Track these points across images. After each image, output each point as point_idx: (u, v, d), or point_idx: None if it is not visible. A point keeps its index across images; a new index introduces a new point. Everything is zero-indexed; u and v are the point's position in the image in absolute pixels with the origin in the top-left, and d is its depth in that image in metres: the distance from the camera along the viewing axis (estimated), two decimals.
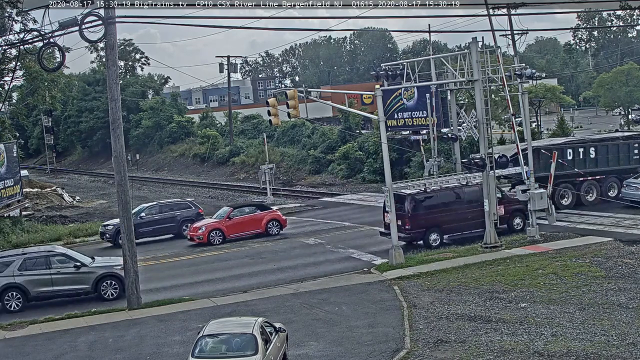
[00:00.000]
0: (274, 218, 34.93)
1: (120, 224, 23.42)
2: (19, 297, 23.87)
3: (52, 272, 24.17)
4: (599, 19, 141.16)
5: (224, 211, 35.13)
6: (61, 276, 24.13)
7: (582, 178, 33.78)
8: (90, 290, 24.45)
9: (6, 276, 23.80)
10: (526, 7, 44.67)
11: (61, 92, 59.20)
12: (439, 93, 45.37)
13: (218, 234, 33.48)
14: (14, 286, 23.83)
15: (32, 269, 24.07)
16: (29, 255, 24.55)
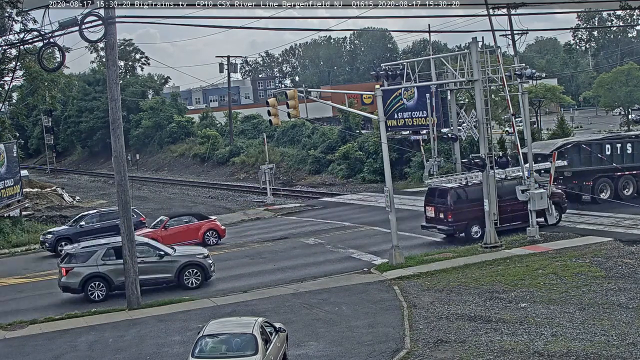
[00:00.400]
0: (212, 228, 33.60)
1: (120, 224, 23.40)
2: (102, 286, 24.20)
3: None
4: (599, 19, 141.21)
5: (160, 220, 33.71)
6: (145, 265, 24.07)
7: (620, 173, 34.48)
8: (173, 279, 24.75)
9: (90, 266, 24.16)
10: (526, 7, 44.68)
11: (61, 92, 59.31)
12: (439, 93, 45.38)
13: None
14: (97, 275, 24.16)
15: (116, 257, 24.15)
16: (112, 245, 24.71)
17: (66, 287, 24.41)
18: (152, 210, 49.27)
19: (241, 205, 50.02)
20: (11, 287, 28.10)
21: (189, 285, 24.65)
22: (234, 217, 42.54)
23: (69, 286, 24.33)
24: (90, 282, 24.08)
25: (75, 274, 24.13)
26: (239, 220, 41.30)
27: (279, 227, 37.31)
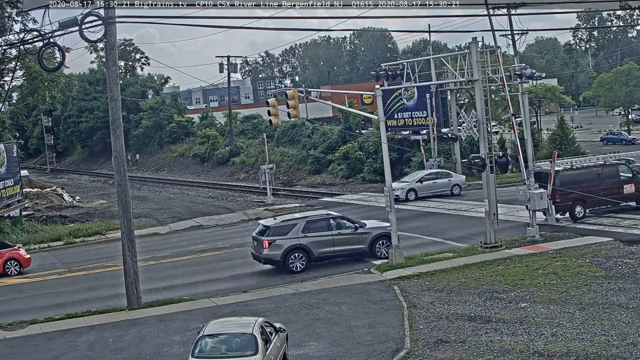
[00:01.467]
0: (12, 257, 30.79)
1: (120, 224, 23.40)
2: (302, 257, 25.75)
3: (333, 233, 25.93)
4: (599, 19, 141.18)
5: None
6: (341, 237, 25.91)
7: None
8: (366, 250, 26.31)
9: (291, 238, 25.64)
10: (526, 7, 44.66)
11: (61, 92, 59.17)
12: (439, 93, 45.47)
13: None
14: (298, 247, 25.68)
15: (315, 230, 25.88)
16: (310, 218, 26.43)
17: (268, 259, 25.89)
18: (152, 210, 49.32)
19: (241, 205, 50.00)
20: (11, 287, 28.10)
21: (380, 256, 26.27)
22: (234, 217, 42.54)
23: (271, 258, 25.79)
24: (292, 254, 25.60)
25: (277, 246, 25.60)
26: (239, 220, 41.29)
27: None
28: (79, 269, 30.69)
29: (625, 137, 76.53)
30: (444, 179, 41.80)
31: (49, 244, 37.75)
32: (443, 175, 42.25)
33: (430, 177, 42.13)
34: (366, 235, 26.50)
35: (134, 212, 24.65)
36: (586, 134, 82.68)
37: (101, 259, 32.44)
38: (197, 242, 35.22)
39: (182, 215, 46.09)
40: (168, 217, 45.84)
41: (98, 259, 32.63)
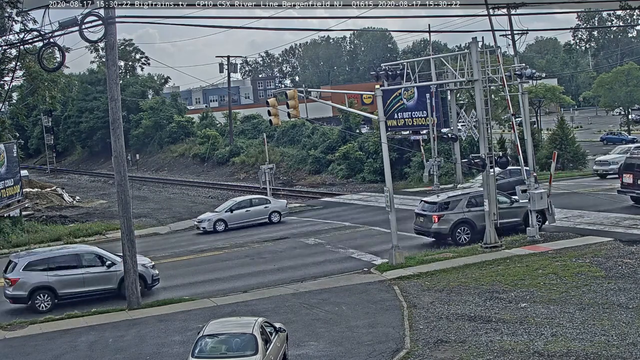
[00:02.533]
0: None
1: (120, 224, 23.40)
2: (467, 230, 27.91)
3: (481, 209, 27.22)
4: (599, 19, 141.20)
5: None
6: (501, 210, 27.51)
7: None
8: (522, 222, 28.11)
9: (457, 212, 27.93)
10: (526, 7, 44.69)
11: (61, 92, 59.18)
12: (439, 93, 45.35)
13: None
14: (464, 221, 27.88)
15: (477, 205, 27.63)
16: (473, 194, 28.57)
17: (437, 232, 28.10)
18: (152, 210, 49.34)
19: None
20: None
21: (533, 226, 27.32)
22: None
23: (440, 231, 27.99)
24: (458, 227, 27.75)
25: (445, 220, 27.82)
26: None
27: (279, 227, 37.30)
28: None
29: (625, 137, 76.54)
30: (259, 206, 38.44)
31: (49, 244, 37.63)
32: (258, 202, 39.06)
33: (243, 204, 38.62)
34: (522, 209, 27.98)
35: (134, 212, 24.65)
36: (586, 134, 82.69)
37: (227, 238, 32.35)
38: (197, 242, 35.23)
39: (182, 215, 46.09)
40: (168, 217, 45.85)
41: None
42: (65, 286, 23.80)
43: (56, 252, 25.25)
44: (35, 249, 29.06)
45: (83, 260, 24.53)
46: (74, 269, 24.12)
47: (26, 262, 23.94)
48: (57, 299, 23.79)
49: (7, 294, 23.76)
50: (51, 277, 23.73)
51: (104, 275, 24.30)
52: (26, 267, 23.76)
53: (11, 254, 28.35)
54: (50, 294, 23.70)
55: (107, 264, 24.49)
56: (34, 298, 23.56)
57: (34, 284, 23.55)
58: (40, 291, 23.57)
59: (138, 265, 23.64)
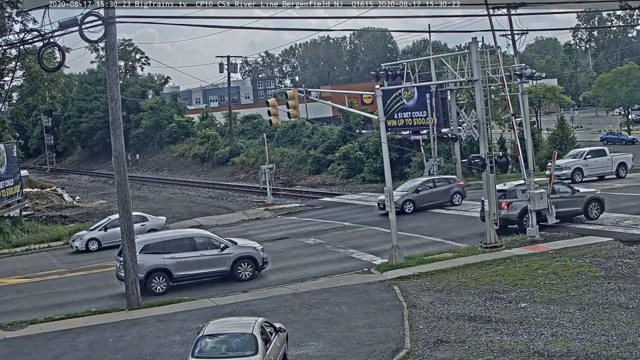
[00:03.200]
0: None
1: (120, 224, 23.41)
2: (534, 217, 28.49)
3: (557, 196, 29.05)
4: (599, 19, 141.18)
5: None
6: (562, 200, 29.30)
7: None
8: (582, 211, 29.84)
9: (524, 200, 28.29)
10: (526, 7, 44.70)
11: (61, 92, 59.21)
12: (439, 93, 45.45)
13: None
14: None
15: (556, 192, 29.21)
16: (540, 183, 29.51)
17: (506, 218, 28.84)
18: (152, 210, 49.24)
19: (241, 205, 50.00)
20: (11, 287, 28.10)
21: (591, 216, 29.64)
22: (234, 217, 42.55)
23: (509, 218, 28.93)
24: (525, 214, 28.19)
25: (514, 207, 28.89)
26: (239, 220, 41.30)
27: (279, 227, 37.31)
28: (79, 269, 30.68)
29: (625, 137, 76.55)
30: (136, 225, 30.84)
31: (49, 244, 37.73)
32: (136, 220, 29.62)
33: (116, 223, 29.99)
34: (582, 198, 29.82)
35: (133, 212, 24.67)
36: (586, 134, 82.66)
37: (101, 259, 32.42)
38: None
39: (182, 215, 46.07)
40: (168, 217, 45.70)
41: (98, 259, 32.62)
42: (181, 268, 24.64)
43: (172, 236, 26.26)
44: (147, 233, 29.89)
45: (197, 243, 25.42)
46: (189, 251, 24.97)
47: (143, 246, 24.58)
48: (172, 281, 24.67)
49: (122, 275, 24.31)
50: (167, 260, 24.59)
51: (218, 258, 25.19)
52: (142, 250, 24.36)
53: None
54: (166, 276, 24.55)
55: (221, 246, 25.40)
56: (150, 280, 24.36)
57: (151, 267, 24.38)
58: (156, 273, 24.43)
59: (250, 247, 25.84)
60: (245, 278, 25.28)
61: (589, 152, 45.42)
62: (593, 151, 45.62)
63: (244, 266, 25.45)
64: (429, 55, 52.00)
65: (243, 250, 25.68)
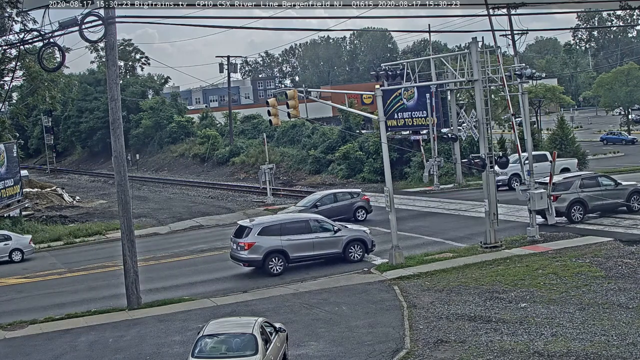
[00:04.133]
0: None
1: (120, 224, 23.41)
2: (581, 210, 29.78)
3: (601, 189, 30.03)
4: (599, 19, 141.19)
5: None
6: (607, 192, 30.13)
7: None
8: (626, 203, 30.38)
9: (572, 193, 29.79)
10: (526, 7, 44.66)
11: (61, 93, 59.22)
12: (439, 93, 45.47)
13: None
14: (578, 201, 29.75)
15: (589, 187, 29.98)
16: (584, 176, 31.14)
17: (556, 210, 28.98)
18: (152, 210, 49.31)
19: (241, 205, 49.98)
20: (11, 287, 28.11)
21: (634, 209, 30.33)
22: (234, 217, 42.51)
23: (558, 210, 29.26)
24: (573, 206, 29.51)
25: (562, 199, 29.48)
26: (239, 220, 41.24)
27: None
28: (79, 269, 30.69)
29: (625, 137, 76.55)
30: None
31: (49, 244, 37.75)
32: None
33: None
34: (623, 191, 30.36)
35: (134, 212, 24.68)
36: (586, 134, 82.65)
37: (101, 259, 32.44)
38: (197, 242, 35.24)
39: (182, 215, 46.09)
40: (168, 217, 45.84)
41: (98, 259, 32.64)
42: (296, 250, 25.86)
43: (288, 219, 27.67)
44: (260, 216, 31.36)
45: (312, 226, 26.68)
46: (304, 234, 26.16)
47: (261, 228, 25.93)
48: (288, 262, 25.92)
49: (241, 256, 25.90)
50: (284, 242, 25.83)
51: (331, 240, 26.52)
52: (261, 232, 25.80)
53: (240, 220, 30.17)
54: (283, 258, 25.81)
55: (334, 229, 26.69)
56: (267, 261, 25.64)
57: (269, 248, 25.64)
58: (273, 255, 25.68)
59: (360, 231, 27.44)
60: (355, 259, 26.55)
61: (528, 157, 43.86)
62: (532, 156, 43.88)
63: (355, 248, 26.76)
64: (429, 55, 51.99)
65: (354, 233, 27.11)
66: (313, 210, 34.00)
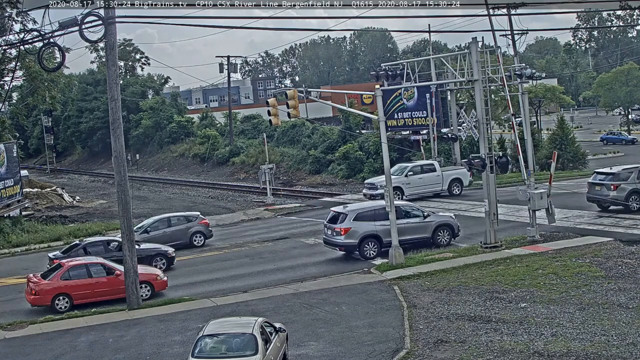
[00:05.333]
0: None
1: (120, 224, 23.41)
2: (638, 200, 30.52)
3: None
4: (599, 19, 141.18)
5: None
6: None
7: None
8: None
9: (631, 183, 30.58)
10: (526, 7, 44.69)
11: (61, 92, 59.21)
12: (439, 93, 45.43)
13: None
14: (636, 192, 30.49)
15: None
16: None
17: (614, 200, 30.65)
18: (152, 210, 49.28)
19: (241, 205, 50.01)
20: (11, 287, 28.09)
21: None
22: (234, 217, 42.54)
23: (617, 199, 30.62)
24: (631, 196, 30.48)
25: (622, 189, 30.59)
26: (239, 220, 41.29)
27: (279, 227, 37.30)
28: None
29: (625, 137, 76.60)
30: None
31: (49, 244, 37.71)
32: None
33: None
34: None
35: (134, 212, 24.67)
36: (586, 134, 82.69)
37: None
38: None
39: None
40: None
41: None
42: (389, 234, 25.97)
43: (381, 205, 27.56)
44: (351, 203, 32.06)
45: (403, 211, 27.53)
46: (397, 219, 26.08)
47: (356, 214, 27.13)
48: (381, 246, 26.74)
49: (337, 241, 27.14)
50: (378, 227, 26.81)
51: (421, 225, 27.68)
52: (356, 217, 27.00)
53: (334, 207, 30.58)
54: (376, 242, 26.92)
55: (424, 215, 27.89)
56: (363, 245, 26.83)
57: (364, 233, 26.85)
58: (368, 239, 26.85)
59: (447, 216, 28.56)
60: (443, 244, 27.63)
61: (412, 167, 40.91)
62: (418, 166, 41.11)
63: (443, 233, 27.87)
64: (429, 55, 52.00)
65: (442, 219, 28.31)
66: (144, 237, 31.85)
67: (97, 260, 25.00)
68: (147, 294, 24.04)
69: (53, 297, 23.27)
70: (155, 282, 24.49)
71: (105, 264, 24.54)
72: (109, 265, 24.41)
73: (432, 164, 41.58)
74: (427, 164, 41.66)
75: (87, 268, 24.21)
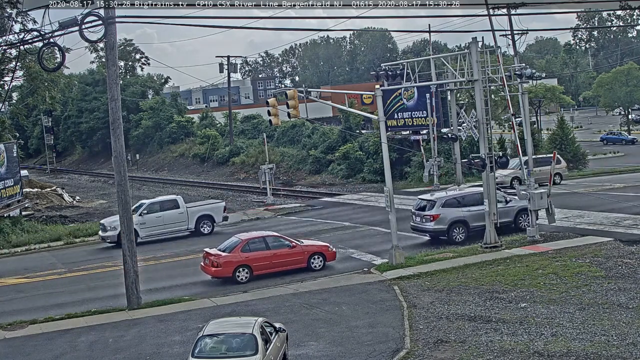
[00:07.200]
0: None
1: (120, 224, 23.42)
2: None
3: None
4: (599, 19, 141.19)
5: None
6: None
7: None
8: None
9: None
10: (526, 7, 44.66)
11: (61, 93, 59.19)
12: (439, 93, 45.37)
13: None
14: None
15: None
16: None
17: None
18: None
19: (241, 205, 49.99)
20: (11, 287, 28.10)
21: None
22: (233, 217, 42.48)
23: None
24: None
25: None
26: (239, 220, 41.27)
27: (278, 227, 37.24)
28: (79, 269, 30.69)
29: (625, 137, 76.60)
30: None
31: (49, 244, 37.73)
32: None
33: None
34: None
35: None
36: (586, 134, 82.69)
37: (101, 259, 32.45)
38: (197, 242, 35.17)
39: None
40: None
41: (98, 259, 32.64)
42: (475, 220, 27.80)
43: (467, 192, 29.71)
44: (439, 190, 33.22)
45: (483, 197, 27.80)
46: (481, 205, 27.04)
47: (444, 201, 28.52)
48: (468, 231, 28.17)
49: (427, 227, 28.62)
50: (465, 212, 28.33)
51: (504, 210, 28.55)
52: (444, 204, 28.37)
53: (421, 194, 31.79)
54: (464, 227, 28.29)
55: (506, 200, 29.17)
56: (451, 231, 28.24)
57: (452, 218, 28.25)
58: (456, 224, 28.23)
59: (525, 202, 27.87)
60: (524, 227, 28.17)
61: (149, 205, 35.80)
62: (157, 203, 36.28)
63: (524, 217, 28.52)
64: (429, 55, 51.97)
65: (522, 204, 28.74)
66: None
67: (273, 234, 26.87)
68: (320, 265, 25.87)
69: (234, 269, 24.92)
70: (327, 252, 26.19)
71: (281, 237, 26.30)
72: (285, 238, 26.23)
73: (175, 200, 36.48)
74: (168, 200, 36.80)
75: (264, 241, 25.86)
